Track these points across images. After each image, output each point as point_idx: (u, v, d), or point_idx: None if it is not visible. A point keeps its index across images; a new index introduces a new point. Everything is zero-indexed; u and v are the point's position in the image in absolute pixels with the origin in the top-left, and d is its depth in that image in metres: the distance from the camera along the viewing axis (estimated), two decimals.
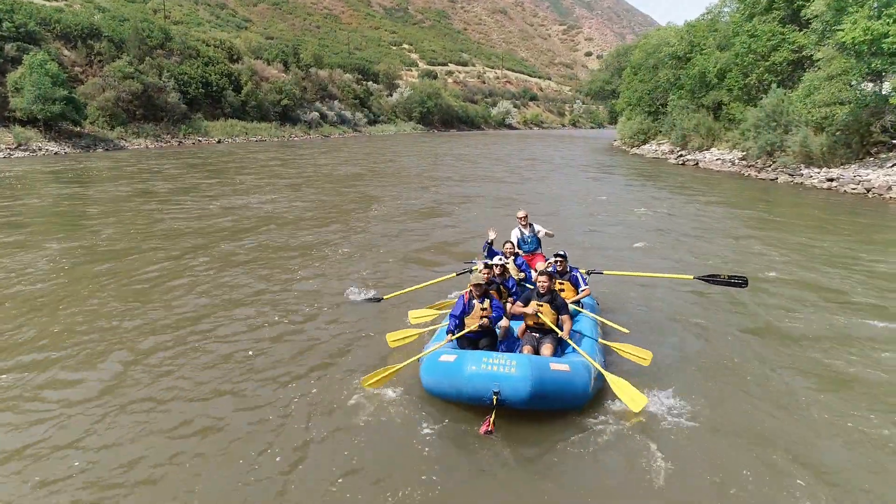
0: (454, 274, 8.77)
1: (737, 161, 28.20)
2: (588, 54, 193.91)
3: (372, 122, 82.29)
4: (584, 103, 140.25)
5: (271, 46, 76.26)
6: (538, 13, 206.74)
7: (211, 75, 57.11)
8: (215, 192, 21.73)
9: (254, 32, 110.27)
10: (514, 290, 7.22)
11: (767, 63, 27.32)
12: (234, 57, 65.24)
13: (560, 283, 7.21)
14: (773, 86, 25.45)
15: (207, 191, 21.73)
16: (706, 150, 32.57)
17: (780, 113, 24.31)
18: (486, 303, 6.28)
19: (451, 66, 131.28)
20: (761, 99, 27.13)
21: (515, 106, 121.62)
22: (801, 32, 26.37)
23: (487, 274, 6.86)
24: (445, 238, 14.29)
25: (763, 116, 24.92)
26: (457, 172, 29.63)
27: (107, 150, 40.34)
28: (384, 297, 8.49)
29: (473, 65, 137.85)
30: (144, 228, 14.38)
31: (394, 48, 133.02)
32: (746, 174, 26.22)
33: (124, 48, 51.25)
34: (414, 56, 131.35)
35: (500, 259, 7.35)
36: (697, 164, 30.84)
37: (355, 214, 17.16)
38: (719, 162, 29.38)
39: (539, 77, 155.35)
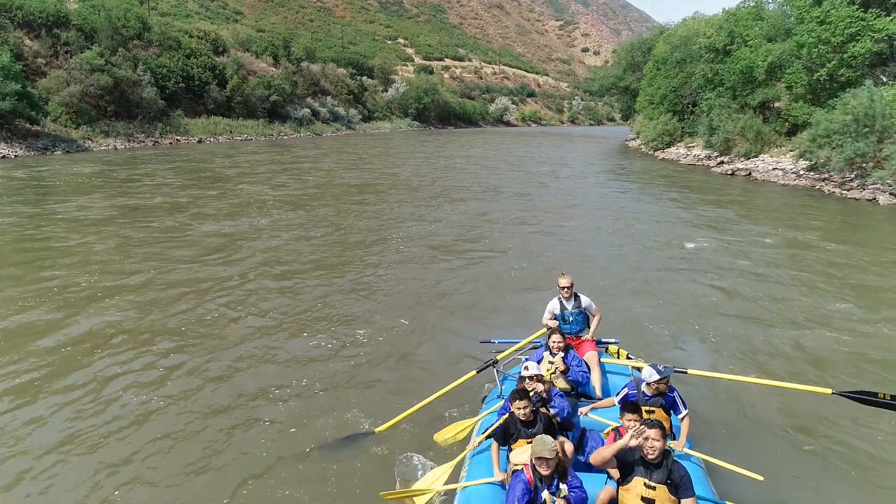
0: (474, 372, 5.98)
1: (803, 173, 23.24)
2: (585, 50, 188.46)
3: (366, 119, 76.99)
4: (582, 100, 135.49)
5: (261, 39, 70.75)
6: (534, 8, 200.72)
7: (193, 68, 51.59)
8: (194, 212, 16.71)
9: (244, 25, 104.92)
10: (564, 412, 4.61)
11: (845, 55, 22.35)
12: (220, 49, 59.75)
13: (648, 409, 4.57)
14: (868, 83, 20.43)
15: (182, 213, 16.66)
16: (754, 157, 27.60)
17: (873, 116, 19.36)
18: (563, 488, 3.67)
19: (448, 62, 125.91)
20: (835, 98, 22.29)
21: (513, 102, 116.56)
22: (889, 18, 21.45)
23: (527, 408, 4.31)
24: (473, 300, 9.96)
25: (849, 121, 19.95)
26: (473, 181, 24.66)
27: (68, 151, 34.86)
28: (375, 430, 5.70)
29: (470, 60, 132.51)
30: (86, 284, 9.86)
31: (389, 42, 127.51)
32: (823, 190, 21.25)
33: (95, 38, 45.82)
34: (409, 51, 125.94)
35: (536, 369, 4.77)
36: (750, 174, 25.81)
37: (365, 257, 12.42)
38: (779, 173, 24.37)
39: (536, 73, 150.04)
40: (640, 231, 15.49)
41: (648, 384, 4.73)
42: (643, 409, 4.46)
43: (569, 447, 4.40)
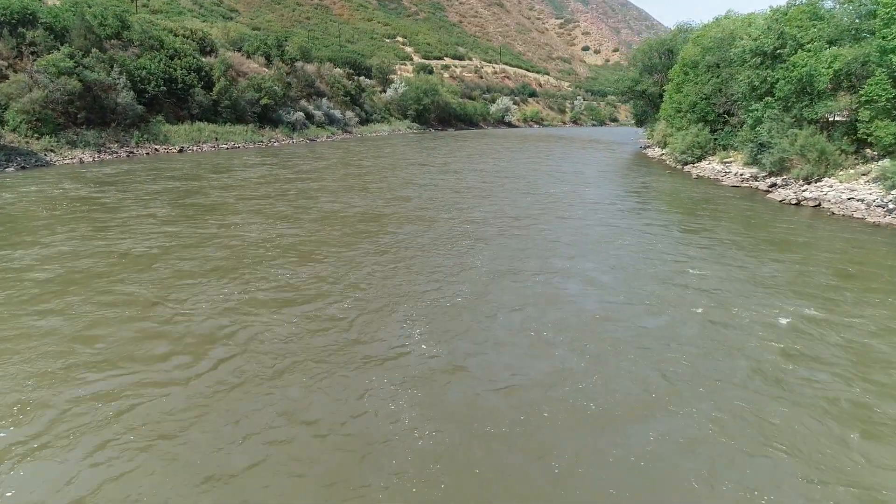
0: None
1: (891, 206, 18.68)
2: (585, 49, 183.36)
3: (364, 122, 72.28)
4: (584, 100, 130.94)
5: (253, 38, 65.86)
6: (534, 6, 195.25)
7: (176, 70, 46.78)
8: (175, 270, 12.47)
9: (239, 23, 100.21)
10: None
11: None
12: (207, 49, 55.00)
13: None
14: None
15: (161, 267, 12.54)
16: (817, 181, 23.06)
17: None
18: None
19: (447, 61, 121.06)
20: None
21: (515, 102, 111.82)
22: None
23: None
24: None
25: None
26: (490, 211, 20.02)
27: (24, 167, 30.06)
28: None
29: (470, 59, 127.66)
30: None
31: (387, 41, 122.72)
32: None
33: (67, 38, 41.05)
34: (408, 49, 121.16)
35: None
36: (819, 204, 21.21)
37: (382, 398, 7.58)
38: (860, 206, 19.77)
39: (537, 72, 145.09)
40: (726, 316, 10.91)
41: None
42: None
43: None
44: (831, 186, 21.83)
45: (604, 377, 8.31)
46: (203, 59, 51.04)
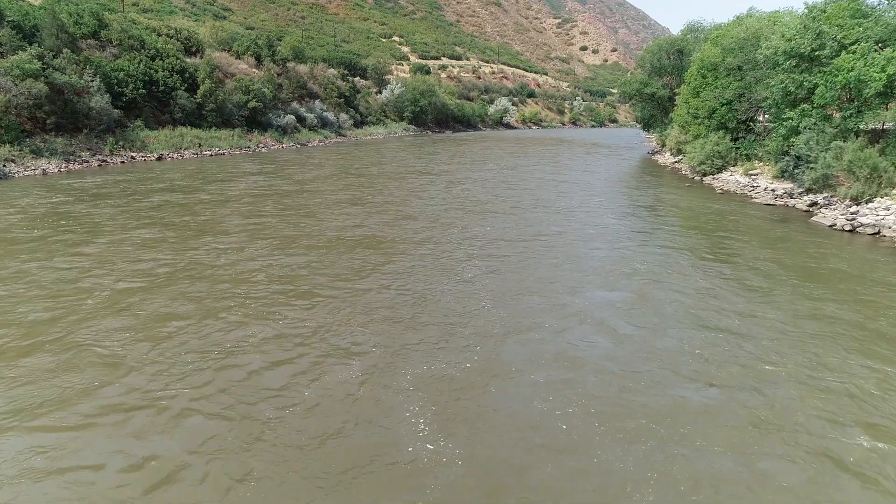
0: None
1: None
2: (583, 48, 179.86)
3: (358, 124, 69.08)
4: (583, 100, 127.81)
5: (243, 37, 62.55)
6: (532, 6, 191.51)
7: (157, 72, 43.55)
8: (144, 325, 9.61)
9: (232, 23, 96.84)
10: None
11: None
12: (193, 49, 51.77)
13: None
14: None
15: (140, 322, 9.80)
16: (866, 202, 19.97)
17: None
18: None
19: (445, 60, 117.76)
20: None
21: (513, 103, 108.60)
22: None
23: None
24: None
25: None
26: (499, 235, 16.97)
27: None
28: None
29: (468, 59, 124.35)
30: None
31: (383, 41, 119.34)
32: None
33: (37, 38, 37.82)
34: (405, 49, 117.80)
35: None
36: (878, 232, 18.11)
37: None
38: None
39: (536, 72, 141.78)
40: (794, 389, 7.92)
41: None
42: None
43: None
44: (888, 209, 18.72)
45: None
46: (187, 60, 47.78)
